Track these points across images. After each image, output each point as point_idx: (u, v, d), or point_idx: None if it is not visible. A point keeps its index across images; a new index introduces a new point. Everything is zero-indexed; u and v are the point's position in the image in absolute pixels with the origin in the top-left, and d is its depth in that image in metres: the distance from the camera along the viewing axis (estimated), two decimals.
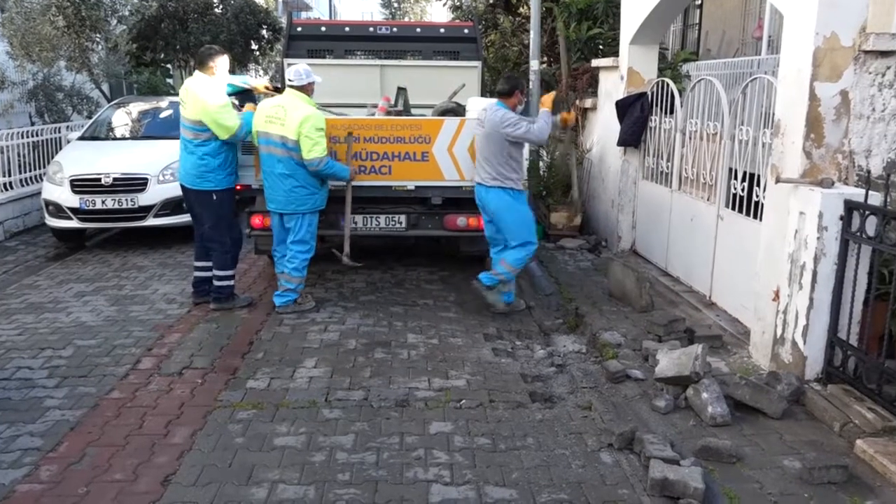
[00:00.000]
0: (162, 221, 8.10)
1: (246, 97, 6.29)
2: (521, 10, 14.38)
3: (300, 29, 8.78)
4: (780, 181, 4.44)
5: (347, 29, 8.80)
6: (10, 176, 9.17)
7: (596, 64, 8.32)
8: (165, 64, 15.69)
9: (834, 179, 4.24)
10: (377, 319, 5.80)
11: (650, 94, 7.14)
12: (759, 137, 5.16)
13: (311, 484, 3.42)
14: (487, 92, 9.61)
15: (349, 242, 6.05)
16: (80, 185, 7.88)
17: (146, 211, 8.01)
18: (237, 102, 6.13)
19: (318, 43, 8.56)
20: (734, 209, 5.54)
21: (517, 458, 3.68)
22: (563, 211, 8.51)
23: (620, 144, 7.45)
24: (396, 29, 8.94)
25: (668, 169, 6.78)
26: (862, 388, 3.98)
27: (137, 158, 8.25)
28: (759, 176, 5.16)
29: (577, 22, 9.67)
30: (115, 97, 12.29)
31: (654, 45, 7.44)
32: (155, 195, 7.99)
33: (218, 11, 15.48)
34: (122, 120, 9.48)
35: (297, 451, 3.73)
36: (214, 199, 5.80)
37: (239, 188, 6.08)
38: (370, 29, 8.94)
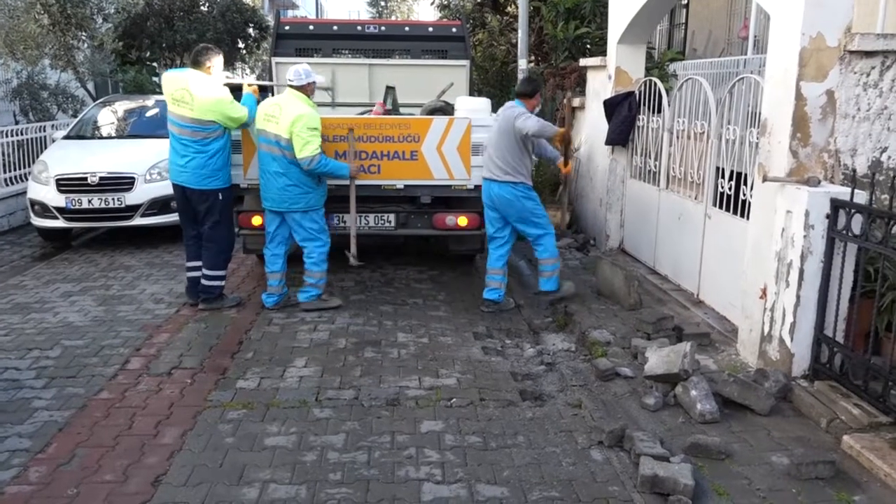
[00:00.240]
0: (149, 221, 8.05)
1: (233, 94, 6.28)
2: (508, 9, 14.42)
3: (288, 28, 8.75)
4: (767, 180, 4.48)
5: (335, 28, 8.78)
6: None
7: (584, 63, 8.35)
8: (151, 62, 15.59)
9: (820, 178, 4.28)
10: (367, 318, 5.80)
11: (638, 93, 7.17)
12: (745, 136, 5.20)
13: (302, 483, 3.42)
14: (475, 91, 9.64)
15: (356, 242, 6.06)
16: (65, 184, 7.81)
17: (133, 210, 7.95)
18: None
19: (306, 42, 8.54)
20: (721, 208, 5.58)
21: (508, 456, 3.69)
22: (551, 210, 8.52)
23: (608, 143, 7.48)
24: (385, 28, 8.93)
25: (655, 168, 6.81)
26: (848, 384, 4.02)
27: (124, 157, 8.19)
28: (746, 175, 5.20)
29: (564, 21, 9.71)
30: (100, 96, 12.19)
31: (641, 44, 7.48)
32: (142, 194, 7.94)
33: (204, 9, 15.43)
34: (107, 119, 9.39)
35: (288, 450, 3.72)
36: (221, 198, 5.80)
37: None
38: (358, 28, 8.93)
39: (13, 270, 7.28)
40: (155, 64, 15.71)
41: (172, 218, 7.99)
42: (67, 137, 9.01)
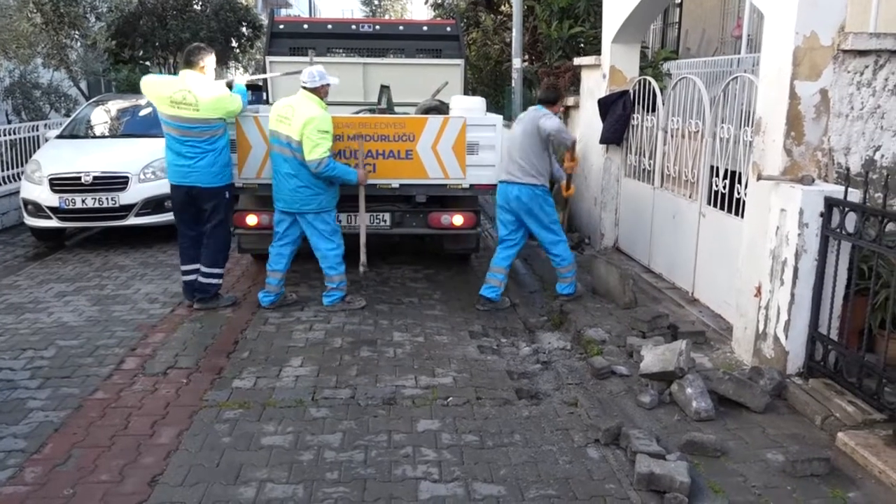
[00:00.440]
0: (143, 220, 8.03)
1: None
2: (502, 8, 14.44)
3: (282, 27, 8.74)
4: (761, 178, 4.50)
5: (330, 27, 8.78)
6: None
7: (578, 62, 8.35)
8: (144, 61, 15.55)
9: (814, 177, 4.30)
10: (362, 318, 5.80)
11: (632, 92, 7.19)
12: (740, 135, 5.22)
13: (299, 483, 3.42)
14: (469, 90, 9.64)
15: (365, 250, 6.08)
16: (59, 183, 7.79)
17: (127, 210, 7.94)
18: None
19: (299, 41, 8.53)
20: (716, 206, 5.60)
21: (505, 454, 3.70)
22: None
23: (603, 142, 7.49)
24: (379, 27, 8.93)
25: (650, 166, 6.83)
26: (842, 381, 4.04)
27: (118, 157, 8.17)
28: (740, 173, 5.22)
29: (558, 20, 9.73)
30: (93, 95, 12.16)
31: (635, 43, 7.49)
32: (136, 194, 7.93)
33: (197, 8, 15.40)
34: (101, 118, 9.37)
35: (284, 450, 3.72)
36: (227, 195, 5.83)
37: None
38: (353, 27, 8.92)
39: (7, 270, 7.25)
40: (148, 63, 15.67)
41: (166, 217, 7.99)
42: (61, 137, 8.99)
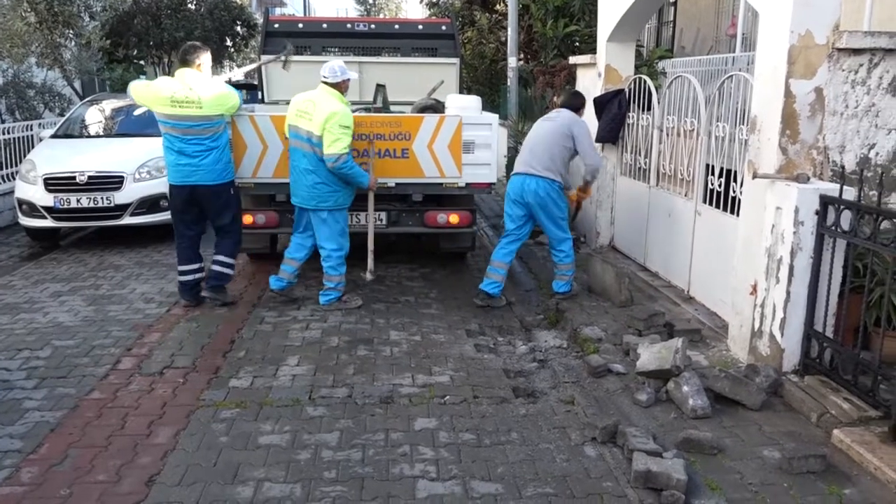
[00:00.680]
0: (138, 220, 8.01)
1: None
2: (497, 6, 14.45)
3: (277, 26, 8.73)
4: (756, 177, 4.51)
5: (325, 26, 8.77)
6: None
7: (573, 61, 8.36)
8: (139, 60, 15.52)
9: (809, 175, 4.32)
10: (359, 317, 5.79)
11: (627, 90, 7.20)
12: (735, 134, 5.24)
13: (297, 482, 3.42)
14: (465, 89, 9.64)
15: (373, 256, 6.09)
16: (54, 183, 7.76)
17: (122, 209, 7.91)
18: None
19: (295, 40, 8.52)
20: (711, 205, 5.61)
21: (502, 452, 3.70)
22: None
23: (598, 141, 7.48)
24: (374, 26, 8.93)
25: (645, 165, 6.84)
26: (838, 379, 4.06)
27: (112, 156, 8.14)
28: (735, 172, 5.23)
29: (553, 19, 9.74)
30: (87, 94, 12.13)
31: (631, 42, 7.50)
32: (131, 193, 7.90)
33: (192, 7, 15.38)
34: (95, 117, 9.32)
35: (282, 449, 3.72)
36: (232, 191, 5.85)
37: None
38: (348, 26, 8.92)
39: (1, 270, 7.22)
40: (142, 62, 15.64)
41: (162, 217, 7.98)
42: (55, 136, 8.96)
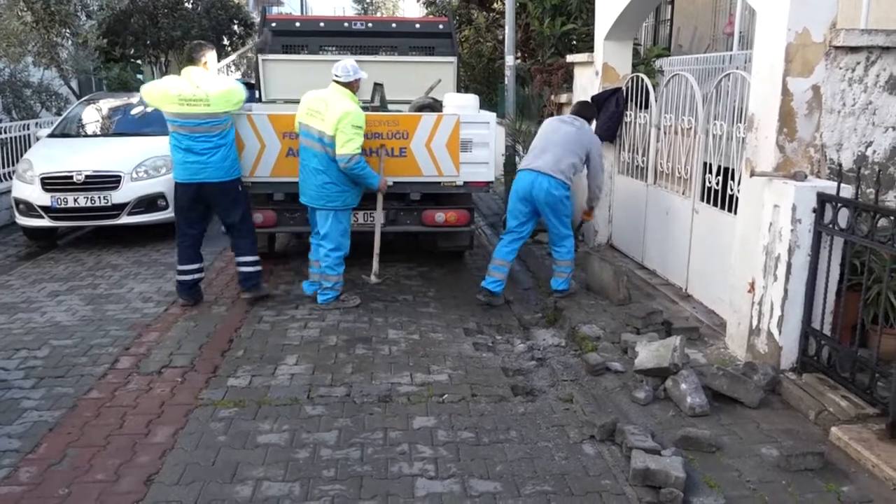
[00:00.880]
0: (136, 219, 7.99)
1: None
2: (494, 5, 14.44)
3: (275, 24, 8.72)
4: (754, 175, 4.51)
5: (322, 24, 8.76)
6: None
7: (570, 59, 8.36)
8: (135, 59, 15.50)
9: (807, 173, 4.32)
10: (357, 315, 5.79)
11: (625, 89, 7.20)
12: (732, 132, 5.24)
13: (295, 481, 3.42)
14: (462, 87, 9.63)
15: (378, 259, 6.08)
16: (51, 183, 7.74)
17: (120, 209, 7.90)
18: None
19: (292, 38, 8.52)
20: (709, 203, 5.62)
21: (501, 451, 3.71)
22: None
23: None
24: (371, 24, 8.93)
25: (643, 163, 6.85)
26: (836, 376, 4.07)
27: (110, 156, 8.12)
28: (733, 170, 5.24)
29: (551, 17, 9.73)
30: (84, 93, 12.10)
31: (628, 40, 7.50)
32: (128, 193, 7.89)
33: (189, 6, 15.35)
34: (92, 117, 9.32)
35: (280, 448, 3.72)
36: (240, 188, 5.86)
37: None
38: (345, 24, 8.92)
39: None
40: (139, 61, 15.62)
41: (159, 216, 7.98)
42: (52, 136, 8.94)
